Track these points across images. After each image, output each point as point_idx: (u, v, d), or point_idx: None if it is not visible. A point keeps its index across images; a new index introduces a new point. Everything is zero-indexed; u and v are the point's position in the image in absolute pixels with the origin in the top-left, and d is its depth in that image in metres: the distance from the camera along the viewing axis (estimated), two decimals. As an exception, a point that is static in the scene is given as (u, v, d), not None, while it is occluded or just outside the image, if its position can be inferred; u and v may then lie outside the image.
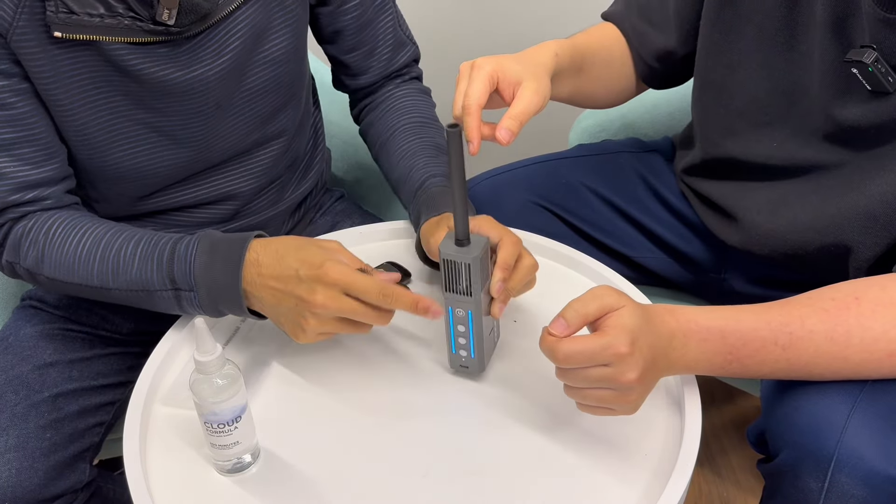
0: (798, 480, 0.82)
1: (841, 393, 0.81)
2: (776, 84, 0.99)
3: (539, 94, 0.92)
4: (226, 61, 1.01)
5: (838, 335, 0.81)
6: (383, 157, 1.16)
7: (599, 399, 0.80)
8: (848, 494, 0.78)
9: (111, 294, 0.96)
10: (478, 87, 0.90)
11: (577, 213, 1.19)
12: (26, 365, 1.05)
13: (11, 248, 0.98)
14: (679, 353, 0.82)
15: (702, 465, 1.59)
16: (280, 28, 1.04)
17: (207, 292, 0.92)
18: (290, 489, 0.84)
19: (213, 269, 0.91)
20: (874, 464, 0.77)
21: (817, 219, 0.96)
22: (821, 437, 0.79)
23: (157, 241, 0.94)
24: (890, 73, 0.87)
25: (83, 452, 1.05)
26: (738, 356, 0.82)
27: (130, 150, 1.01)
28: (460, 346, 0.91)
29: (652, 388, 0.83)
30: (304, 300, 0.86)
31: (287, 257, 0.89)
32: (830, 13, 0.91)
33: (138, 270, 0.94)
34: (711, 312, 0.83)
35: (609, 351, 0.77)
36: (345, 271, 0.86)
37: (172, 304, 0.95)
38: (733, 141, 1.06)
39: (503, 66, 0.92)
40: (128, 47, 0.94)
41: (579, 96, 1.11)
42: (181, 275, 0.92)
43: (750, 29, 1.00)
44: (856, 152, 0.94)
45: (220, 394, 0.80)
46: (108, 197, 1.06)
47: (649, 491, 0.81)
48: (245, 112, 1.06)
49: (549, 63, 0.99)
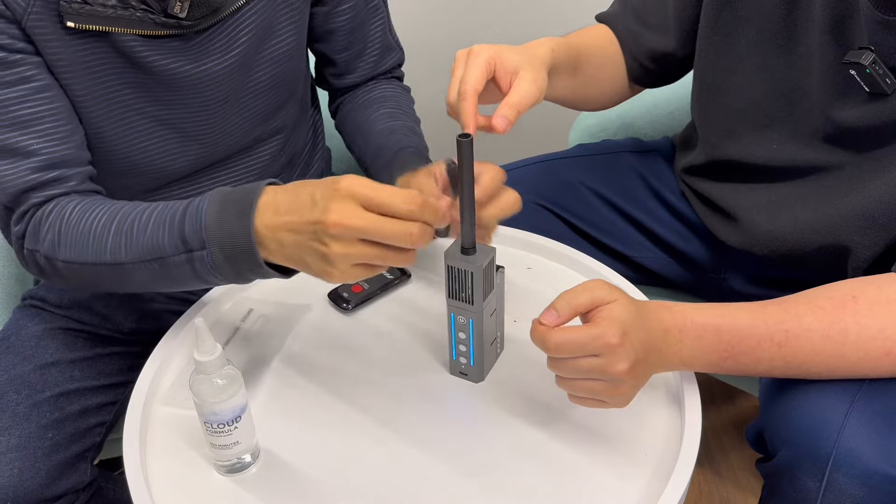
0: (796, 480, 0.82)
1: (838, 392, 0.81)
2: (775, 86, 0.99)
3: (537, 85, 0.90)
4: (234, 56, 1.02)
5: (835, 333, 0.81)
6: (359, 139, 1.16)
7: (590, 390, 0.80)
8: (846, 494, 0.78)
9: (124, 272, 0.89)
10: (475, 72, 0.88)
11: (577, 213, 1.19)
12: (28, 364, 1.05)
13: (32, 235, 0.94)
14: (674, 349, 0.82)
15: (702, 465, 1.59)
16: (285, 25, 1.06)
17: (220, 248, 0.83)
18: (290, 489, 0.84)
19: (225, 218, 0.82)
20: (872, 463, 0.77)
21: (817, 220, 0.96)
22: (818, 436, 0.79)
23: (173, 204, 0.88)
24: (888, 75, 0.87)
25: (85, 452, 1.05)
26: (734, 353, 0.82)
27: (140, 144, 1.02)
28: (461, 353, 0.92)
29: (644, 382, 0.83)
30: (320, 221, 0.76)
31: (305, 186, 0.80)
32: (829, 15, 0.91)
33: (150, 236, 0.87)
34: (707, 309, 0.84)
35: (599, 341, 0.77)
36: (364, 182, 0.77)
37: (188, 273, 0.86)
38: (733, 142, 1.06)
39: (501, 54, 0.90)
40: (139, 39, 0.95)
41: (574, 96, 1.11)
42: (192, 232, 0.84)
43: (749, 31, 1.00)
44: (855, 154, 0.94)
45: (220, 394, 0.80)
46: (114, 192, 1.06)
47: (649, 490, 0.81)
48: (250, 108, 1.08)
49: (546, 57, 0.98)
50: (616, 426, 0.88)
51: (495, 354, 0.95)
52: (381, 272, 0.82)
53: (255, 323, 1.02)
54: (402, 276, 1.07)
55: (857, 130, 0.92)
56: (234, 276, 0.85)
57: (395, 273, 1.07)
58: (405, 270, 1.07)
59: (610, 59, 1.14)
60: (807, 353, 0.81)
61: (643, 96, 1.43)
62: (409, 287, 1.07)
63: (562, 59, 1.02)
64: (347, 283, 1.05)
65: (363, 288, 1.04)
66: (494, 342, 0.93)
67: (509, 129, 0.86)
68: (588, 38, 1.13)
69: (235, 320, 1.03)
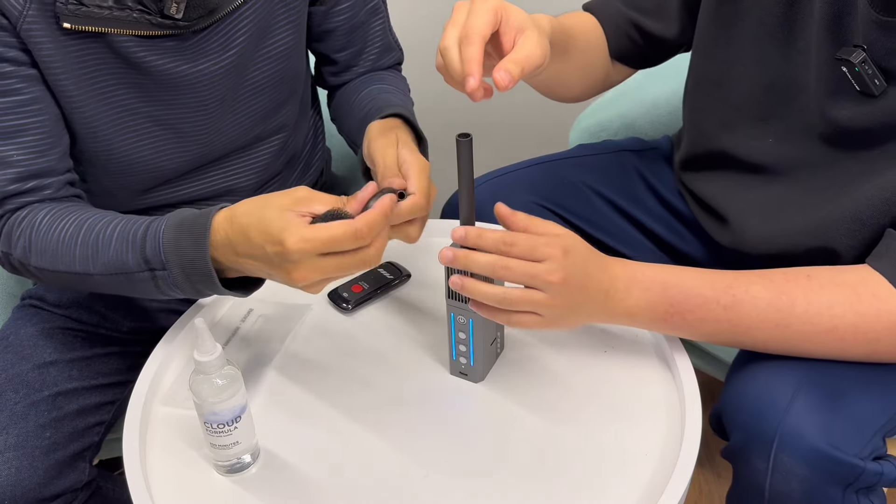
0: (748, 461, 0.84)
1: (787, 375, 0.83)
2: (773, 80, 0.99)
3: (542, 48, 0.82)
4: (231, 56, 1.02)
5: (782, 304, 0.83)
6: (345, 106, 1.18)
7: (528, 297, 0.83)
8: (791, 473, 0.80)
9: (94, 280, 0.93)
10: (483, 17, 0.79)
11: (578, 214, 1.19)
12: (26, 364, 1.05)
13: (5, 239, 0.96)
14: (620, 296, 0.86)
15: (702, 465, 1.59)
16: (283, 24, 1.06)
17: (181, 269, 0.87)
18: (290, 489, 0.84)
19: (182, 246, 0.86)
20: (814, 442, 0.79)
21: (807, 223, 0.96)
22: (765, 417, 0.82)
23: (135, 221, 0.91)
24: (877, 76, 0.87)
25: (83, 452, 1.05)
26: (680, 310, 0.86)
27: (136, 143, 1.02)
28: (460, 353, 0.92)
29: (581, 316, 0.86)
30: (288, 280, 0.82)
31: (251, 233, 0.82)
32: (828, 11, 0.91)
33: (115, 252, 0.90)
34: (659, 267, 0.88)
35: (543, 249, 0.81)
36: (305, 238, 0.78)
37: (151, 288, 0.90)
38: (728, 134, 1.06)
39: (507, 7, 0.82)
40: (135, 40, 0.95)
41: (556, 82, 1.09)
42: (153, 253, 0.88)
43: (749, 24, 1.00)
44: (846, 153, 0.94)
45: (220, 394, 0.80)
46: (112, 190, 1.07)
47: (649, 491, 0.81)
48: (248, 107, 1.07)
49: (546, 27, 0.92)
50: (616, 426, 0.88)
51: (495, 354, 0.95)
52: (380, 272, 0.83)
53: (255, 323, 1.02)
54: (402, 276, 1.06)
55: (849, 130, 0.92)
56: (196, 293, 0.89)
57: (395, 273, 1.07)
58: (405, 270, 1.07)
59: (592, 48, 1.13)
60: (752, 320, 0.84)
61: (643, 96, 1.43)
62: (409, 287, 1.07)
63: (557, 37, 0.99)
64: (347, 283, 1.05)
65: (363, 288, 1.04)
66: (494, 342, 0.93)
67: (512, 85, 0.77)
68: (575, 23, 1.11)
69: (235, 320, 1.03)
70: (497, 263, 0.82)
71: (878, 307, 0.82)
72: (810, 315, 0.83)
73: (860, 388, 0.84)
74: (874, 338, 0.83)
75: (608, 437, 0.87)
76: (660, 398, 0.91)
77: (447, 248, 0.84)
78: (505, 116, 1.79)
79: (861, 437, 0.81)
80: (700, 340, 0.90)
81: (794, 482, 0.80)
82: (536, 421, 0.89)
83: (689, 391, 0.88)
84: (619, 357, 0.95)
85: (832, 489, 0.81)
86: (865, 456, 0.80)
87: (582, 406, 0.90)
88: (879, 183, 0.89)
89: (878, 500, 0.85)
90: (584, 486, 0.83)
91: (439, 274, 0.88)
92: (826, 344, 0.83)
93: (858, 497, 0.83)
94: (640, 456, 0.85)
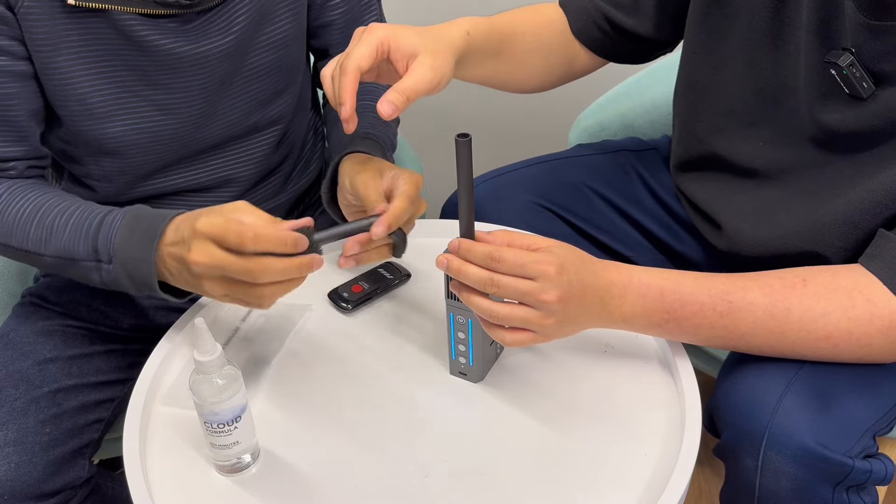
0: (738, 459, 0.84)
1: (777, 374, 0.84)
2: (762, 84, 0.99)
3: (435, 71, 0.87)
4: (232, 39, 1.03)
5: (778, 311, 0.83)
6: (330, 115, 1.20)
7: (519, 315, 0.82)
8: (780, 472, 0.81)
9: (43, 261, 0.96)
10: (363, 49, 0.85)
11: (578, 214, 1.19)
12: (26, 360, 1.05)
13: None
14: (616, 302, 0.85)
15: (702, 465, 1.59)
16: (283, 12, 1.08)
17: (124, 268, 0.90)
18: (290, 489, 0.84)
19: (132, 243, 0.89)
20: (803, 440, 0.80)
21: (800, 227, 0.96)
22: (754, 416, 0.82)
23: (91, 210, 0.94)
24: (865, 79, 0.87)
25: (82, 448, 1.05)
26: (676, 316, 0.85)
27: (132, 124, 1.03)
28: (460, 353, 0.92)
29: (577, 324, 0.85)
30: (185, 260, 0.84)
31: (183, 223, 0.86)
32: (815, 15, 0.91)
33: (68, 239, 0.93)
34: (655, 272, 0.87)
35: (534, 266, 0.80)
36: (213, 221, 0.82)
37: (95, 277, 0.93)
38: (719, 138, 1.06)
39: (397, 35, 0.87)
40: (139, 18, 0.97)
41: (496, 80, 1.08)
42: (103, 246, 0.91)
43: (737, 28, 1.00)
44: (837, 157, 0.94)
45: (220, 394, 0.80)
46: (110, 175, 1.08)
47: (649, 491, 0.81)
48: (245, 92, 1.09)
49: (457, 41, 0.94)
50: (616, 426, 0.88)
51: (495, 354, 0.95)
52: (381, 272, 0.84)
53: (255, 323, 1.02)
54: (401, 275, 1.07)
55: (839, 133, 0.92)
56: (135, 291, 0.92)
57: (394, 273, 1.07)
58: (405, 270, 1.07)
59: (543, 44, 1.11)
60: (748, 326, 0.84)
61: (643, 96, 1.43)
62: (409, 287, 1.07)
63: (480, 42, 0.99)
64: (347, 283, 1.05)
65: (363, 288, 1.04)
66: (494, 342, 0.94)
67: (396, 114, 0.83)
68: (520, 21, 1.09)
69: (235, 320, 1.03)
70: (487, 280, 0.81)
71: (872, 311, 0.82)
72: (805, 322, 0.83)
73: (850, 388, 0.84)
74: (867, 342, 0.83)
75: (608, 437, 0.87)
76: (660, 398, 0.91)
77: (444, 254, 0.84)
78: (505, 116, 1.79)
79: (850, 435, 0.81)
80: (696, 344, 0.90)
81: (783, 480, 0.81)
82: (536, 421, 0.89)
83: (688, 391, 0.88)
84: (619, 357, 0.95)
85: (821, 487, 0.81)
86: (855, 455, 0.81)
87: (582, 406, 0.90)
88: (870, 185, 0.89)
89: (870, 498, 0.85)
90: (583, 486, 0.83)
91: (439, 274, 0.88)
92: (820, 349, 0.84)
93: (849, 495, 0.83)
94: (640, 456, 0.85)
